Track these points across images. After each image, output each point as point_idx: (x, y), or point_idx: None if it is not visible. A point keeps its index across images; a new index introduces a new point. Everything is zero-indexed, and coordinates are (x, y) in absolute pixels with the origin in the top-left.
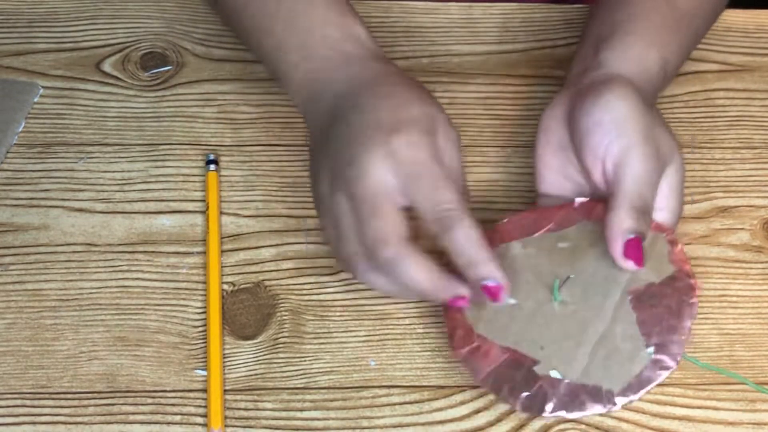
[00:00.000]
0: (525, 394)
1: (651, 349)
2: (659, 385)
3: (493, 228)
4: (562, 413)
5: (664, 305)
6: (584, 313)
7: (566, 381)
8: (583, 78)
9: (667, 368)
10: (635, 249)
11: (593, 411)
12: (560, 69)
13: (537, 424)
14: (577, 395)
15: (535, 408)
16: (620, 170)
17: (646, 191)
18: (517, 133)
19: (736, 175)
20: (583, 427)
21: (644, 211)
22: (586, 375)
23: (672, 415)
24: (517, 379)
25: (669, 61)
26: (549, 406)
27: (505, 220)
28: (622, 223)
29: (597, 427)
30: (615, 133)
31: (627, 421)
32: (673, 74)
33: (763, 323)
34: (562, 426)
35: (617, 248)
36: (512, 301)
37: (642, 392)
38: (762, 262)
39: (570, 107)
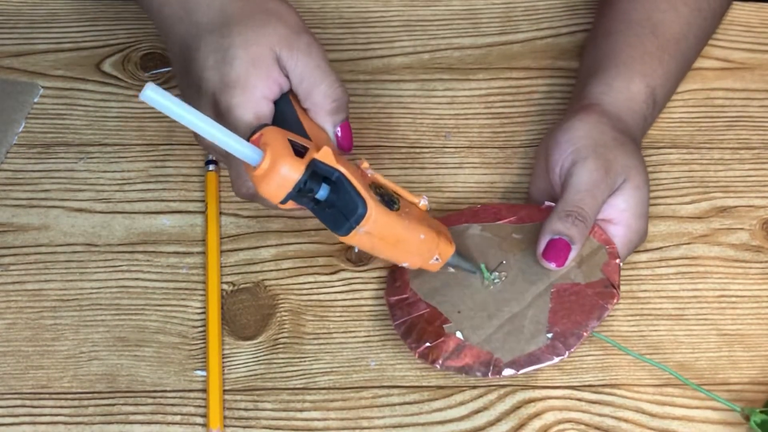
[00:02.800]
0: (427, 344)
1: (550, 335)
2: (659, 385)
3: (465, 209)
4: (451, 370)
5: (579, 303)
6: (507, 294)
7: (466, 344)
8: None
9: (558, 355)
10: (555, 249)
11: (477, 375)
12: (563, 60)
13: (537, 423)
14: (469, 357)
15: (429, 358)
16: (565, 181)
17: (584, 200)
18: (517, 133)
19: (735, 175)
20: (582, 427)
21: (576, 217)
22: (486, 342)
23: (672, 415)
24: (425, 331)
25: (656, 88)
26: (440, 361)
27: (478, 206)
28: (550, 225)
29: (597, 427)
30: (569, 150)
31: (627, 420)
32: (664, 99)
33: (762, 323)
34: (562, 426)
35: (540, 247)
36: (451, 269)
37: (527, 369)
38: (761, 262)
39: None
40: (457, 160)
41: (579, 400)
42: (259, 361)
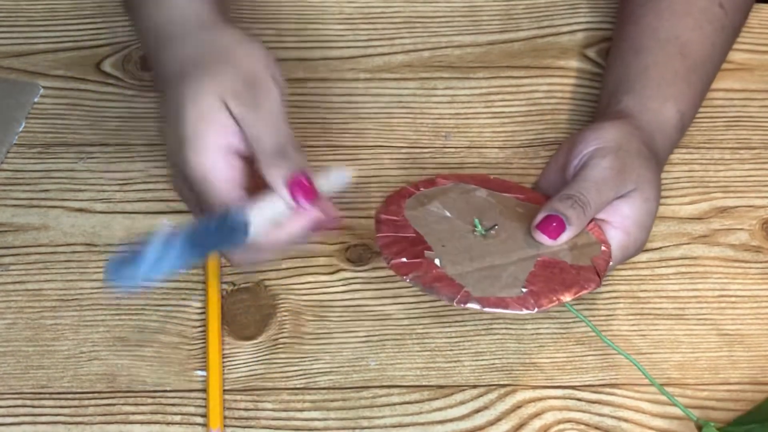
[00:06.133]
0: (403, 259)
1: (524, 290)
2: (659, 385)
3: (478, 174)
4: (418, 286)
5: (560, 276)
6: (494, 248)
7: (441, 271)
8: None
9: (527, 308)
10: (549, 223)
11: (443, 297)
12: (564, 58)
13: (537, 423)
14: (440, 281)
15: (401, 271)
16: (577, 172)
17: (588, 190)
18: (517, 132)
19: (735, 175)
20: (582, 427)
21: (576, 201)
22: (460, 277)
23: (672, 415)
24: (406, 249)
25: (685, 113)
26: (410, 275)
27: (492, 177)
28: (550, 203)
29: (597, 427)
30: (593, 147)
31: (627, 420)
32: (690, 121)
33: (762, 323)
34: (561, 426)
35: (536, 220)
36: (447, 213)
37: (493, 309)
38: (761, 262)
39: None
40: (457, 160)
41: (579, 400)
42: (259, 361)
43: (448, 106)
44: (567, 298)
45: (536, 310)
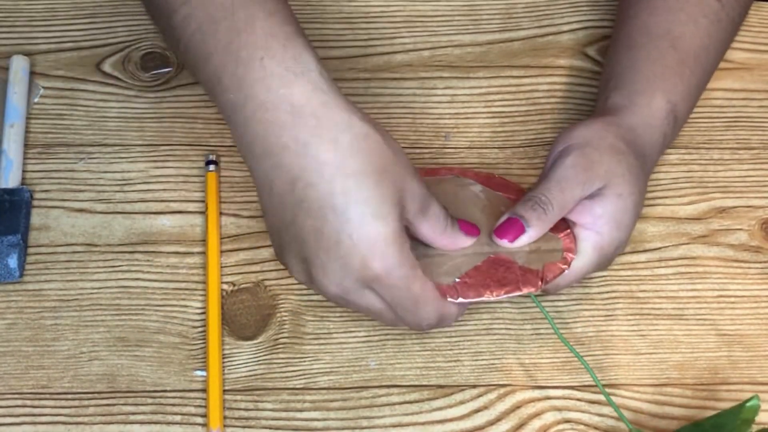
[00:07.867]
0: None
1: (457, 280)
2: (659, 385)
3: (482, 172)
4: None
5: (502, 275)
6: None
7: None
8: None
9: (451, 296)
10: (509, 227)
11: None
12: (564, 57)
13: (537, 423)
14: None
15: None
16: (547, 171)
17: (550, 190)
18: (517, 132)
19: (734, 175)
20: (582, 427)
21: (537, 202)
22: None
23: (671, 416)
24: None
25: (677, 104)
26: None
27: (496, 175)
28: (513, 208)
29: (596, 428)
30: (561, 148)
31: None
32: (686, 114)
33: (762, 323)
34: (561, 426)
35: (498, 223)
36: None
37: None
38: (760, 262)
39: None
40: (457, 160)
41: (579, 400)
42: (259, 361)
43: (448, 106)
44: (495, 295)
45: (459, 299)
